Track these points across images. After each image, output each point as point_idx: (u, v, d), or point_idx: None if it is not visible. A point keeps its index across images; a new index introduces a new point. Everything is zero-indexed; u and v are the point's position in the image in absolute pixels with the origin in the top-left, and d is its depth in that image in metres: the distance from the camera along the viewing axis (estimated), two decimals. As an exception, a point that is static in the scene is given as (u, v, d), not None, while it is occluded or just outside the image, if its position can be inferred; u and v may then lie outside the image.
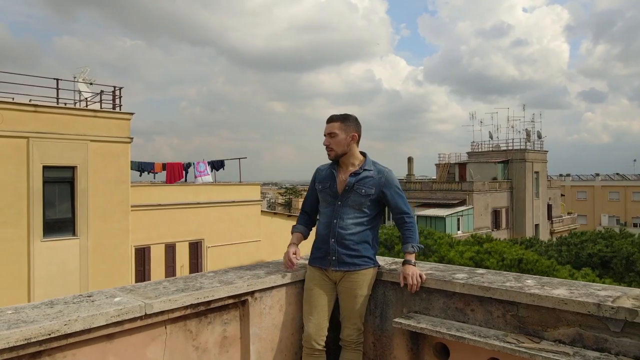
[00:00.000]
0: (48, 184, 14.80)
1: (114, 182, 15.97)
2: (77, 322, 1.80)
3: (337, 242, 2.59)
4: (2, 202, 13.79)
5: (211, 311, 2.34)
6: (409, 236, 2.60)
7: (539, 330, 2.12)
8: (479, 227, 34.03)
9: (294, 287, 2.68)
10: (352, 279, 2.58)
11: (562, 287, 2.20)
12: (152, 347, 2.12)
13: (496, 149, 41.92)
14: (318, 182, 2.76)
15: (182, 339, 2.24)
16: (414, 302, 2.56)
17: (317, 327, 2.55)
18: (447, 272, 2.56)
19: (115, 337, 1.99)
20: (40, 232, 14.54)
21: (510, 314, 2.21)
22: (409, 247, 2.56)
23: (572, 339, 2.03)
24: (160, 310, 2.07)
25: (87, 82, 17.89)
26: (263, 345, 2.53)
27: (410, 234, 2.60)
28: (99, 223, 15.62)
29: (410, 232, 2.60)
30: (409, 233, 2.60)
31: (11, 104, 14.17)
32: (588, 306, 1.96)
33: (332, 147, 2.63)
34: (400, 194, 2.61)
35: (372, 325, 2.72)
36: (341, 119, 2.64)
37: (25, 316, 1.81)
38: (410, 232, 2.60)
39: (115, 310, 1.93)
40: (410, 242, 2.58)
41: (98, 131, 15.52)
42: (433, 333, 2.33)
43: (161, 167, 19.90)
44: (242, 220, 20.02)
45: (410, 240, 2.58)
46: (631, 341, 1.88)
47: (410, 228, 2.60)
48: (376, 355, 2.71)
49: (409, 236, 2.59)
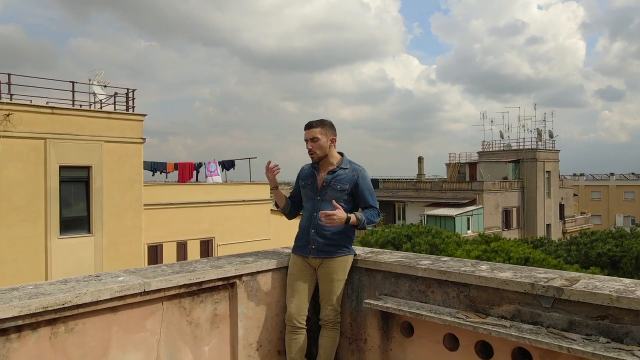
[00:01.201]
0: (64, 184, 15.36)
1: (127, 182, 16.49)
2: (86, 295, 2.15)
3: (316, 233, 2.91)
4: (21, 201, 14.37)
5: (203, 291, 2.68)
6: (365, 214, 2.86)
7: (486, 307, 2.42)
8: (489, 227, 34.02)
9: (278, 272, 3.01)
10: (329, 265, 2.90)
11: (509, 271, 2.49)
12: (151, 320, 2.47)
13: (507, 148, 41.79)
14: (301, 180, 3.09)
15: (177, 314, 2.58)
16: (385, 286, 2.87)
17: (298, 307, 2.88)
18: (415, 260, 2.86)
19: (119, 310, 2.34)
20: (57, 229, 15.10)
21: (463, 294, 2.51)
22: (358, 215, 2.82)
23: (512, 315, 2.32)
24: (157, 288, 2.41)
25: (102, 84, 18.43)
26: (250, 322, 2.86)
27: (367, 214, 2.86)
28: (113, 221, 16.15)
29: (368, 213, 2.86)
30: (367, 213, 2.87)
31: (29, 106, 14.75)
32: (524, 285, 2.25)
33: (314, 150, 2.95)
34: (370, 190, 2.92)
35: (349, 307, 3.03)
36: (320, 124, 2.95)
37: (43, 290, 2.17)
38: (368, 213, 2.87)
39: (119, 287, 2.27)
40: (362, 215, 2.84)
41: (112, 132, 16.05)
42: (397, 312, 2.64)
43: (173, 167, 20.40)
44: (252, 219, 20.43)
45: (363, 215, 2.85)
46: (559, 315, 2.17)
47: (371, 213, 2.87)
48: (353, 334, 3.02)
49: (365, 214, 2.86)
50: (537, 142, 41.02)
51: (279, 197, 3.14)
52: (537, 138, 41.52)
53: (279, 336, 3.00)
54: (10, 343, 2.00)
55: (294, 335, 2.88)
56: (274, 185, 3.06)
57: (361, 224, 2.82)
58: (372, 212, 2.88)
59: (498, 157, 40.57)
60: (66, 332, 2.16)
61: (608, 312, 2.04)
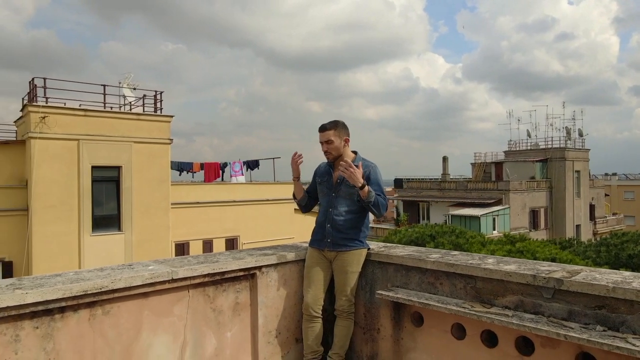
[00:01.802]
0: (96, 183, 15.96)
1: (155, 181, 17.00)
2: (120, 280, 2.38)
3: (332, 227, 3.08)
4: (56, 200, 15.01)
5: (225, 281, 2.89)
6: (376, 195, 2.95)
7: (491, 298, 2.54)
8: (515, 227, 33.46)
9: (296, 264, 3.19)
10: (344, 258, 3.06)
11: (514, 264, 2.60)
12: (178, 306, 2.69)
13: (534, 147, 41.00)
14: (317, 177, 3.27)
15: (202, 301, 2.79)
16: (396, 278, 3.02)
17: (314, 297, 3.05)
18: (425, 254, 3.00)
19: (149, 296, 2.56)
20: (89, 227, 15.71)
21: (470, 286, 2.64)
22: (371, 189, 2.92)
23: (515, 305, 2.44)
24: (184, 277, 2.63)
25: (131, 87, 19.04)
26: (269, 311, 3.05)
27: (377, 197, 2.95)
28: (142, 219, 16.68)
29: (377, 197, 2.96)
30: (377, 197, 2.96)
31: (63, 108, 15.38)
32: (527, 277, 2.37)
33: (330, 152, 3.12)
34: (379, 184, 3.05)
35: (363, 298, 3.19)
36: (333, 126, 3.11)
37: (82, 276, 2.40)
38: (377, 197, 2.96)
39: (149, 274, 2.50)
40: (374, 193, 2.94)
41: (141, 133, 16.58)
42: (407, 302, 2.79)
43: (199, 167, 20.88)
44: (276, 218, 20.72)
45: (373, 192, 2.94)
46: (559, 305, 2.28)
47: (380, 197, 2.97)
48: (366, 324, 3.18)
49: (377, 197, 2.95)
50: (566, 141, 40.10)
51: (298, 187, 3.32)
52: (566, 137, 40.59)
53: (297, 325, 3.18)
54: (55, 322, 2.25)
55: (311, 323, 3.06)
56: (296, 175, 3.22)
57: (371, 198, 2.90)
58: (381, 200, 3.01)
59: (525, 156, 39.84)
60: (103, 314, 2.39)
61: (605, 302, 2.14)
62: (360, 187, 2.88)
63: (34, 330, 2.18)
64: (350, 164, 2.85)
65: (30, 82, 15.63)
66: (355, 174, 2.84)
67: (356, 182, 2.87)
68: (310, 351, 3.06)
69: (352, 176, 2.85)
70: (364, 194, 2.92)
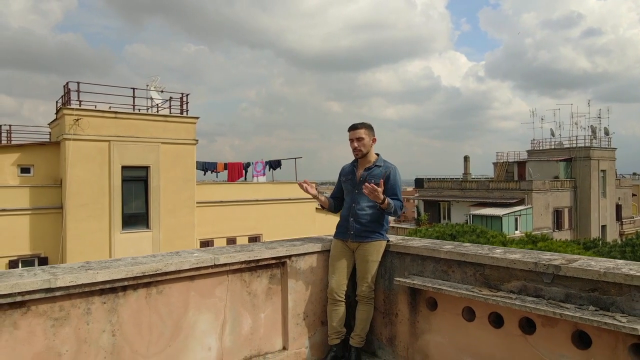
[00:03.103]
0: (126, 182, 16.63)
1: (181, 181, 17.60)
2: (171, 264, 2.76)
3: (355, 220, 3.41)
4: (88, 199, 15.71)
5: (259, 268, 3.25)
6: (392, 200, 3.30)
7: (497, 284, 2.83)
8: (538, 227, 33.15)
9: (322, 254, 3.53)
10: (365, 248, 3.39)
11: (519, 253, 2.89)
12: (219, 289, 3.05)
13: (558, 146, 40.46)
14: (342, 176, 3.61)
15: (239, 285, 3.15)
16: (413, 267, 3.33)
17: (338, 283, 3.39)
18: (439, 245, 3.30)
19: (195, 279, 2.93)
20: (119, 225, 16.38)
21: (479, 273, 2.94)
22: (391, 201, 3.27)
23: (519, 289, 2.73)
24: (224, 263, 2.99)
25: (158, 89, 19.71)
26: (298, 296, 3.40)
27: (394, 202, 3.30)
28: (169, 217, 17.29)
29: (394, 202, 3.31)
30: (394, 201, 3.31)
31: (95, 111, 16.09)
32: (529, 264, 2.66)
33: (360, 148, 3.45)
34: (398, 185, 3.37)
35: (382, 286, 3.51)
36: (365, 126, 3.46)
37: (139, 261, 2.79)
38: (394, 202, 3.31)
39: (195, 260, 2.87)
40: (393, 203, 3.29)
41: (168, 134, 17.19)
42: (422, 287, 3.10)
43: (223, 167, 21.44)
44: (297, 217, 21.13)
45: (393, 203, 3.30)
46: (558, 289, 2.56)
47: (397, 203, 3.32)
48: (386, 309, 3.50)
49: (393, 201, 3.30)
50: (591, 140, 39.45)
51: (322, 202, 3.67)
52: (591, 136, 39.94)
53: (323, 309, 3.52)
54: (118, 299, 2.63)
55: (335, 306, 3.39)
56: (314, 196, 3.54)
57: (390, 208, 3.28)
58: (398, 203, 3.34)
59: (549, 155, 39.37)
60: (157, 293, 2.77)
61: (597, 285, 2.41)
62: (381, 202, 3.22)
63: (102, 305, 2.57)
64: (375, 188, 3.15)
65: (64, 86, 16.39)
66: (379, 195, 3.16)
67: (377, 200, 3.21)
68: (334, 332, 3.40)
69: (377, 197, 3.18)
70: (384, 206, 3.27)
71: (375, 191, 3.14)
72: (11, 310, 2.30)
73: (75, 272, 2.48)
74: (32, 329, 2.36)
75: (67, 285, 2.40)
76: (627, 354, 2.30)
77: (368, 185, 3.17)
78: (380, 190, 3.16)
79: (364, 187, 3.19)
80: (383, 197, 3.21)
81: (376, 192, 3.15)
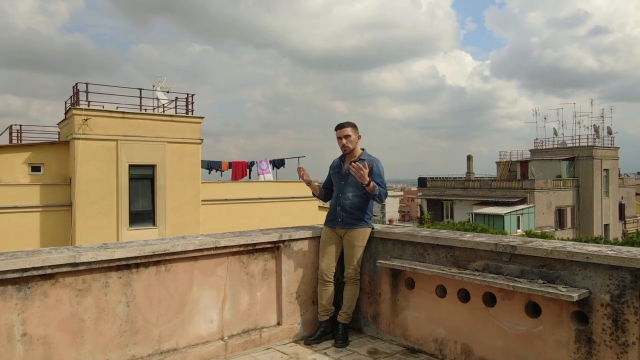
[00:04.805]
0: (133, 181, 17.08)
1: (187, 179, 18.03)
2: (178, 245, 3.15)
3: (342, 209, 3.79)
4: (97, 196, 16.18)
5: (256, 251, 3.63)
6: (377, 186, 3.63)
7: (465, 263, 3.20)
8: (541, 226, 33.38)
9: (313, 240, 3.92)
10: (351, 234, 3.77)
11: (485, 237, 3.26)
12: (220, 269, 3.44)
13: (561, 146, 40.61)
14: (331, 169, 3.99)
15: (237, 266, 3.54)
16: (394, 251, 3.71)
17: (327, 265, 3.77)
18: (416, 231, 3.68)
19: (199, 259, 3.33)
20: (126, 221, 16.83)
21: (450, 255, 3.31)
22: (376, 186, 3.60)
23: (483, 268, 3.10)
24: (224, 245, 3.38)
25: (164, 90, 20.14)
26: (291, 277, 3.79)
27: (378, 188, 3.63)
28: (175, 215, 17.73)
29: (379, 188, 3.64)
30: (378, 187, 3.64)
31: (103, 111, 16.54)
32: (490, 245, 3.03)
33: (347, 145, 3.83)
34: (381, 175, 3.74)
35: (367, 269, 3.89)
36: (350, 125, 3.83)
37: (150, 242, 3.19)
38: (379, 188, 3.64)
39: (199, 242, 3.26)
40: (378, 187, 3.63)
41: (174, 134, 17.63)
42: (401, 268, 3.48)
43: (227, 166, 21.86)
44: (300, 215, 21.49)
45: (376, 186, 3.62)
46: (514, 266, 2.93)
47: (381, 188, 3.65)
48: (371, 290, 3.88)
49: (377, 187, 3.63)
50: (594, 139, 39.59)
51: (313, 188, 4.04)
52: (594, 135, 40.07)
53: (313, 290, 3.90)
54: (132, 274, 3.03)
55: (324, 286, 3.78)
56: (307, 181, 3.91)
57: (375, 191, 3.61)
58: (382, 190, 3.71)
59: (551, 155, 39.55)
60: (165, 271, 3.17)
61: (546, 262, 2.78)
62: (367, 184, 3.58)
63: (118, 279, 2.97)
64: (360, 166, 3.50)
65: (73, 87, 16.86)
66: (364, 175, 3.52)
67: (364, 181, 3.56)
68: (323, 310, 3.78)
69: (362, 176, 3.53)
70: (369, 189, 3.62)
71: (360, 170, 3.48)
72: (42, 281, 2.70)
73: (96, 250, 2.88)
74: (59, 297, 2.76)
75: (89, 261, 2.79)
76: (569, 320, 2.67)
77: (354, 164, 3.52)
78: (365, 170, 3.50)
79: (350, 166, 3.55)
80: (369, 179, 3.56)
81: (361, 172, 3.49)
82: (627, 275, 2.46)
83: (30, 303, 2.66)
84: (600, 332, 2.56)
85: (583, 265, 2.62)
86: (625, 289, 2.47)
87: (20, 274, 2.59)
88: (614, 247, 2.68)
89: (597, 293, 2.56)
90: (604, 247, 2.69)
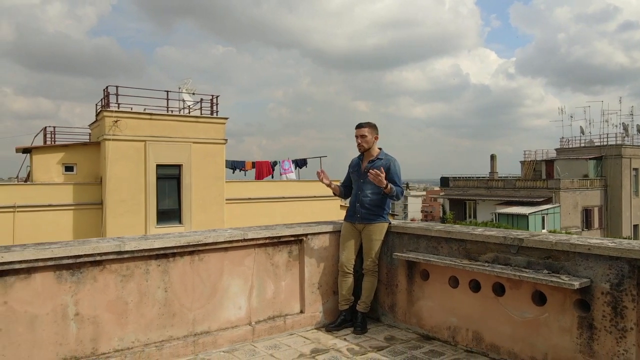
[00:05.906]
0: (160, 180, 17.66)
1: (212, 178, 18.52)
2: (210, 237, 3.46)
3: (360, 206, 4.04)
4: (126, 195, 16.80)
5: (281, 243, 3.91)
6: (394, 186, 3.87)
7: (476, 256, 3.41)
8: (566, 227, 32.82)
9: (334, 234, 4.17)
10: (369, 228, 4.02)
11: (495, 231, 3.46)
12: (248, 259, 3.74)
13: (588, 144, 39.81)
14: (350, 168, 4.25)
15: (264, 257, 3.83)
16: (410, 244, 3.94)
17: (347, 258, 4.03)
18: (431, 226, 3.90)
19: (228, 250, 3.62)
20: (154, 219, 17.41)
21: (462, 248, 3.52)
22: (393, 187, 3.83)
23: (493, 260, 3.30)
24: (251, 237, 3.67)
25: (190, 92, 20.70)
26: (313, 269, 4.05)
27: (395, 188, 3.87)
28: (200, 213, 18.24)
29: (395, 187, 3.88)
30: (395, 187, 3.88)
31: (132, 113, 17.16)
32: (500, 238, 3.23)
33: (362, 144, 4.08)
34: (398, 174, 3.97)
35: (385, 261, 4.13)
36: (369, 125, 4.08)
37: (184, 234, 3.50)
38: (396, 188, 3.88)
39: (229, 234, 3.56)
40: (395, 188, 3.87)
41: (199, 134, 18.15)
42: (416, 260, 3.71)
43: (251, 165, 22.29)
44: (323, 214, 21.75)
45: (394, 187, 3.86)
46: (521, 258, 3.13)
47: (397, 187, 3.89)
48: (388, 281, 4.11)
49: (394, 187, 3.87)
50: (623, 138, 38.67)
51: (334, 189, 4.31)
52: (624, 133, 39.14)
53: (334, 280, 4.16)
54: (169, 263, 3.35)
55: (344, 278, 4.03)
56: (327, 184, 4.18)
57: (393, 192, 3.87)
58: (398, 189, 3.95)
59: (578, 154, 38.81)
60: (199, 260, 3.48)
61: (551, 253, 2.97)
62: (384, 187, 3.81)
63: (157, 267, 3.29)
64: (378, 172, 3.75)
65: (104, 90, 17.52)
66: (382, 180, 3.76)
67: (381, 185, 3.80)
68: (343, 299, 4.04)
69: (380, 182, 3.77)
70: (387, 191, 3.86)
71: (378, 176, 3.74)
72: (92, 267, 3.04)
73: (137, 240, 3.20)
74: (106, 282, 3.09)
75: (132, 250, 3.12)
76: (572, 308, 2.86)
77: (372, 171, 3.77)
78: (383, 175, 3.75)
79: (369, 173, 3.80)
80: (386, 182, 3.81)
81: (379, 177, 3.74)
82: (625, 265, 2.64)
83: (82, 286, 3.00)
84: (600, 318, 2.74)
85: (585, 256, 2.81)
86: (624, 278, 2.65)
87: (73, 260, 2.93)
88: (615, 240, 2.86)
89: (598, 282, 2.75)
90: (606, 240, 2.86)
